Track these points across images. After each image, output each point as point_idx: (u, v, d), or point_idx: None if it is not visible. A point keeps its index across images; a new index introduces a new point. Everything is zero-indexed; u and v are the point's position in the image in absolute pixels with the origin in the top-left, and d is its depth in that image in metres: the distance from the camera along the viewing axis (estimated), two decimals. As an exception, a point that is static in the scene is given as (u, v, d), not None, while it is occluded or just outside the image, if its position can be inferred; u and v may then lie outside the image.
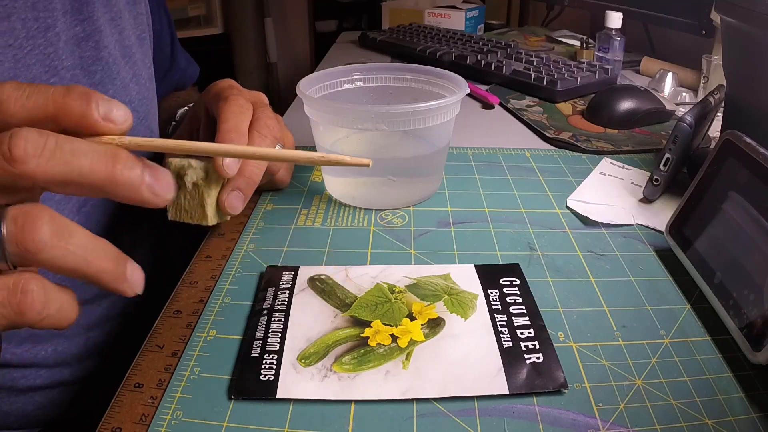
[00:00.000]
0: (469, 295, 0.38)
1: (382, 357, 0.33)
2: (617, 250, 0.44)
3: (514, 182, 0.54)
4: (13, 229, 0.23)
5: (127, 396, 0.31)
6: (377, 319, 0.35)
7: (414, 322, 0.35)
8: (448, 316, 0.36)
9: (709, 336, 0.35)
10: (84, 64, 0.43)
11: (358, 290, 0.38)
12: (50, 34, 0.40)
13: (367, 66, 0.55)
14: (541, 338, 0.34)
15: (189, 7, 2.14)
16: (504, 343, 0.34)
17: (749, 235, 0.36)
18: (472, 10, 1.24)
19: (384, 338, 0.34)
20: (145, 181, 0.26)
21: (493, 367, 0.32)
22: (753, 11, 0.42)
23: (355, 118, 0.45)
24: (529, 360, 0.32)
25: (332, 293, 0.38)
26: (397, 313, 0.36)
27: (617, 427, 0.29)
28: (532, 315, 0.36)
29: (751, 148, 0.38)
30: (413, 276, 0.39)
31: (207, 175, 0.39)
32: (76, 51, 0.43)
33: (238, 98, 0.41)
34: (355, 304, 0.37)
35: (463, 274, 0.40)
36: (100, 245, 0.25)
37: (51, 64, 0.40)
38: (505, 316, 0.36)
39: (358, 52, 1.14)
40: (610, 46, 0.88)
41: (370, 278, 0.39)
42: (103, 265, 0.25)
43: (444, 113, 0.46)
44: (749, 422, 0.29)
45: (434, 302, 0.37)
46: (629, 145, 0.63)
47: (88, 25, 0.43)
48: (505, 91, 0.83)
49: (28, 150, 0.23)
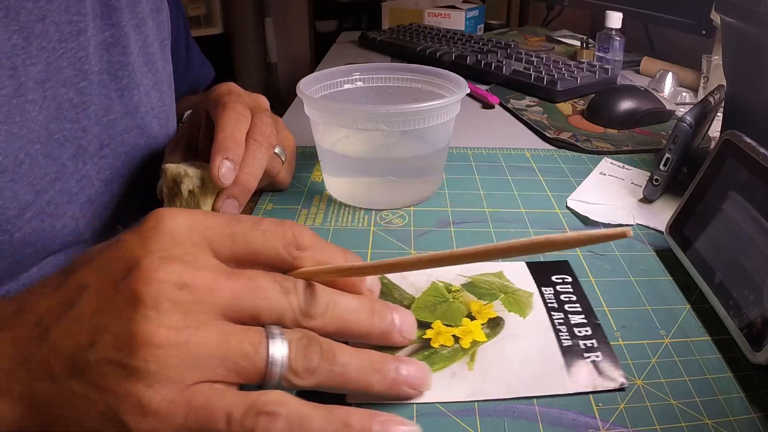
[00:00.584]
0: (524, 294, 0.37)
1: (447, 358, 0.32)
2: (617, 250, 0.44)
3: (514, 182, 0.54)
4: (295, 354, 0.26)
5: (127, 396, 0.31)
6: (437, 319, 0.35)
7: (474, 322, 0.35)
8: (506, 315, 0.36)
9: (709, 336, 0.35)
10: (111, 69, 0.43)
11: (414, 290, 0.38)
12: (82, 38, 0.40)
13: (367, 66, 0.55)
14: (598, 336, 0.34)
15: (189, 7, 2.14)
16: (563, 342, 0.34)
17: (749, 235, 0.36)
18: (472, 10, 1.24)
19: (446, 339, 0.34)
20: (395, 327, 0.31)
21: (555, 366, 0.32)
22: (753, 11, 0.42)
23: (355, 118, 0.45)
24: (588, 358, 0.32)
25: (390, 294, 0.37)
26: (456, 312, 0.36)
27: (617, 427, 0.29)
28: (587, 313, 0.36)
29: (751, 148, 0.38)
30: (467, 274, 0.39)
31: (203, 183, 0.39)
32: (105, 56, 0.43)
33: (235, 105, 0.41)
34: (414, 305, 0.36)
35: (516, 271, 0.40)
36: (365, 356, 0.28)
37: (81, 68, 0.40)
38: (562, 314, 0.36)
39: (358, 52, 1.14)
40: (610, 46, 0.88)
41: (425, 276, 0.39)
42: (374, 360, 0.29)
43: (444, 113, 0.46)
44: (749, 422, 0.29)
45: (491, 301, 0.37)
46: (629, 145, 0.63)
47: (117, 30, 0.43)
48: (505, 91, 0.83)
49: (318, 309, 0.28)
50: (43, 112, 0.37)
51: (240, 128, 0.40)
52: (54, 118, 0.38)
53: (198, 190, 0.39)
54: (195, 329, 0.24)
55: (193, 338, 0.24)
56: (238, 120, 0.40)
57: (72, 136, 0.40)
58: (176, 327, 0.24)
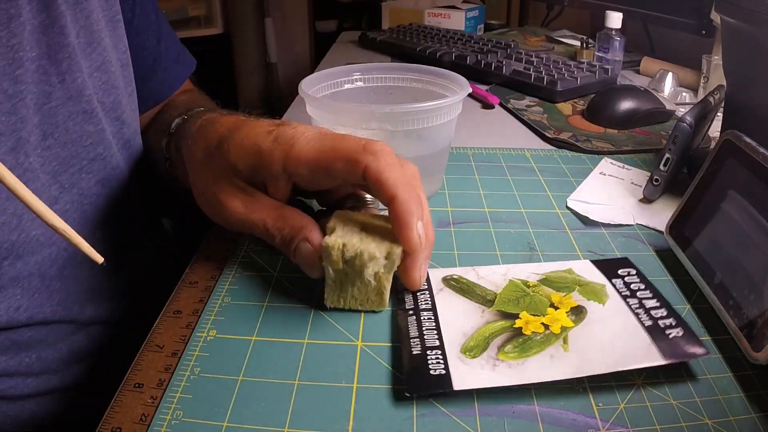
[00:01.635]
0: (598, 285, 0.39)
1: (541, 343, 0.33)
2: (617, 250, 0.44)
3: (514, 182, 0.54)
4: None
5: (127, 396, 0.31)
6: (523, 311, 0.36)
7: (559, 311, 0.36)
8: (586, 303, 0.37)
9: (709, 336, 0.35)
10: (50, 53, 0.41)
11: (494, 287, 0.39)
12: (14, 24, 0.38)
13: (368, 66, 0.55)
14: (675, 315, 0.35)
15: (189, 7, 2.14)
16: (645, 323, 0.35)
17: (749, 235, 0.36)
18: (472, 10, 1.24)
19: (536, 327, 0.35)
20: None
21: (642, 342, 0.33)
22: (753, 11, 0.42)
23: (358, 117, 0.45)
24: (671, 334, 0.33)
25: (471, 291, 0.38)
26: (539, 304, 0.37)
27: (617, 427, 0.29)
28: (659, 298, 0.37)
29: (751, 148, 0.38)
30: (539, 272, 0.40)
31: (387, 259, 0.34)
32: (43, 39, 0.40)
33: (382, 154, 0.35)
34: (498, 299, 0.37)
35: (584, 268, 0.41)
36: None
37: (15, 55, 0.38)
38: (636, 300, 0.37)
39: (358, 52, 1.14)
40: (610, 46, 0.88)
41: (500, 276, 0.40)
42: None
43: (446, 113, 0.46)
44: (749, 422, 0.29)
45: (569, 293, 0.38)
46: (629, 145, 0.63)
47: (53, 10, 0.41)
48: (505, 91, 0.83)
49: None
50: None
51: (409, 184, 0.35)
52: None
53: (383, 270, 0.34)
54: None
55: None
56: (399, 171, 0.35)
57: (8, 129, 0.38)
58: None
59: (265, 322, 0.36)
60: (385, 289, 0.36)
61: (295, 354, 0.34)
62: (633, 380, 0.32)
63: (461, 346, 0.33)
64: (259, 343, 0.34)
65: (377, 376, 0.32)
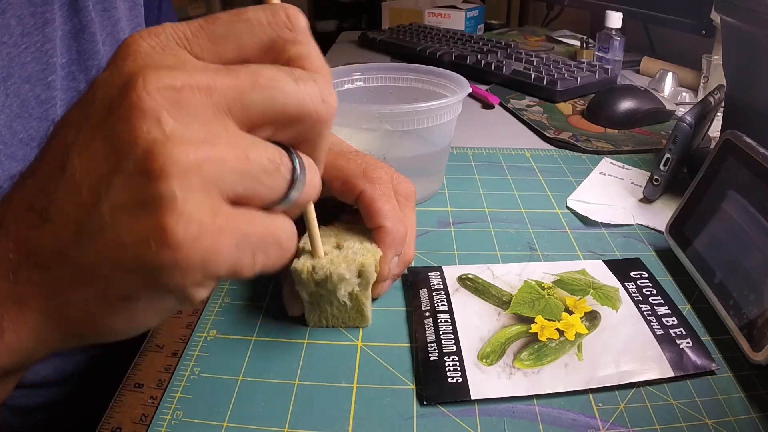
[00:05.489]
0: (611, 289, 0.39)
1: (556, 351, 0.34)
2: (617, 250, 0.44)
3: (514, 182, 0.54)
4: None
5: (127, 396, 0.31)
6: (538, 314, 0.36)
7: (573, 316, 0.36)
8: (600, 308, 0.37)
9: (709, 336, 0.35)
10: (81, 59, 0.41)
11: (509, 287, 0.39)
12: (48, 30, 0.38)
13: (368, 66, 0.55)
14: (685, 325, 0.35)
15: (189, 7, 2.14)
16: (656, 331, 0.35)
17: (749, 235, 0.36)
18: (472, 10, 1.24)
19: (551, 333, 0.35)
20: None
21: (653, 353, 0.33)
22: (753, 11, 0.42)
23: (359, 117, 0.45)
24: (681, 345, 0.34)
25: (487, 292, 0.39)
26: (554, 308, 0.37)
27: (617, 427, 0.29)
28: (670, 304, 0.37)
29: (751, 148, 0.38)
30: (553, 272, 0.40)
31: (360, 276, 0.33)
32: (74, 45, 0.41)
33: (377, 183, 0.36)
34: (513, 302, 0.38)
35: (597, 269, 0.41)
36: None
37: (48, 61, 0.38)
38: (648, 306, 0.37)
39: (358, 52, 1.14)
40: (610, 46, 0.88)
41: (515, 275, 0.40)
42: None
43: (447, 113, 0.46)
44: (749, 422, 0.29)
45: (583, 296, 0.38)
46: (629, 145, 0.63)
47: (84, 16, 0.41)
48: (505, 91, 0.83)
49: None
50: (5, 110, 0.36)
51: (398, 217, 0.36)
52: (17, 117, 0.36)
53: (358, 288, 0.34)
54: (211, 144, 0.20)
55: (211, 153, 0.20)
56: (392, 203, 0.36)
57: (38, 135, 0.38)
58: (191, 140, 0.20)
59: (265, 322, 0.36)
60: (365, 306, 0.35)
61: (295, 354, 0.34)
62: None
63: (478, 352, 0.33)
64: (259, 343, 0.34)
65: (377, 376, 0.32)
